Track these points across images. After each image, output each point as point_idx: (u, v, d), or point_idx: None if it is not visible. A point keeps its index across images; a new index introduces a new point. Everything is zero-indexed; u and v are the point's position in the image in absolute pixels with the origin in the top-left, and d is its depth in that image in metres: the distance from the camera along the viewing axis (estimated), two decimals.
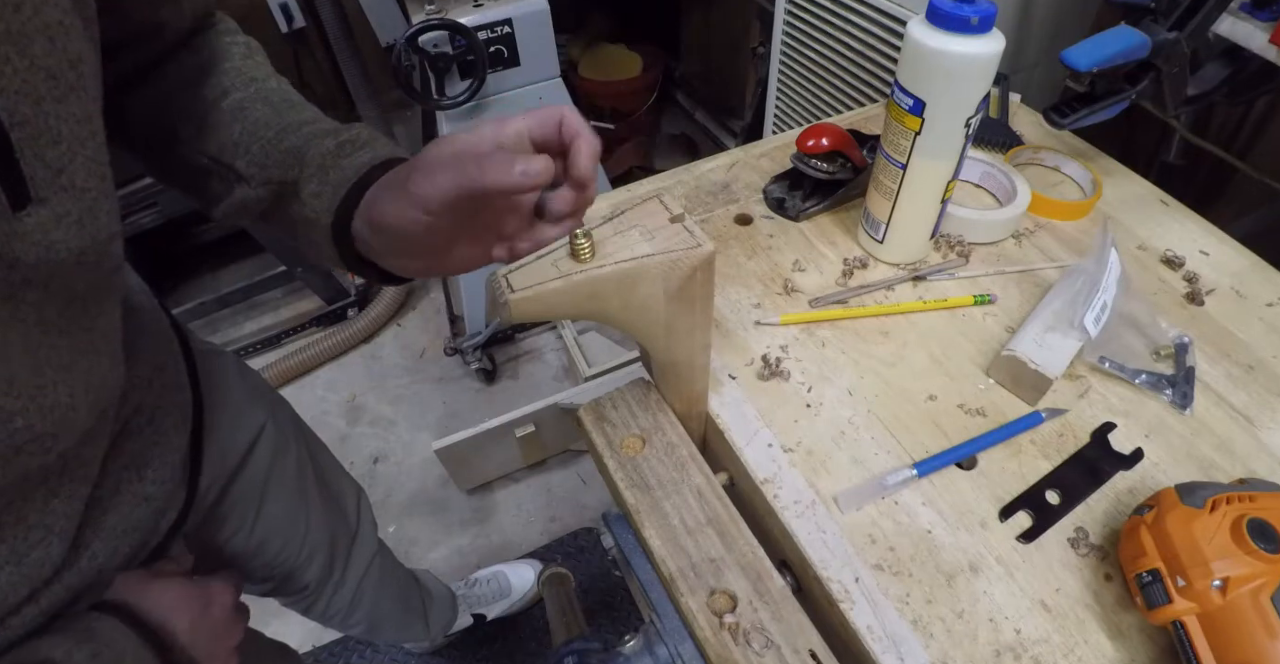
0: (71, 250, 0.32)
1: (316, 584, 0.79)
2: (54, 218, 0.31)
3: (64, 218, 0.31)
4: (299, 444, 0.74)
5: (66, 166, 0.31)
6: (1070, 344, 0.55)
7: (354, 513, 0.86)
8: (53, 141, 0.30)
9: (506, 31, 1.22)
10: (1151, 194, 0.72)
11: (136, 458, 0.47)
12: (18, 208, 0.29)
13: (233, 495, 0.63)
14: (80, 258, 0.33)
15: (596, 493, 1.50)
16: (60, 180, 0.31)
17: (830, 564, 0.47)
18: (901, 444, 0.53)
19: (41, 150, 0.30)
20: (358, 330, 1.77)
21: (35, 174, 0.30)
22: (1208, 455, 0.52)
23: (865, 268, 0.66)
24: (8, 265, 0.30)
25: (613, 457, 0.51)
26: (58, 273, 0.33)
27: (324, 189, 0.42)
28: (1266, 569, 0.38)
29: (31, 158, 0.29)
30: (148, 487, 0.47)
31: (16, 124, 0.29)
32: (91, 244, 0.33)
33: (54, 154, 0.31)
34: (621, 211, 0.42)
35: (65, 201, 0.31)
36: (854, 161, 0.68)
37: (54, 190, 0.31)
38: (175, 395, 0.52)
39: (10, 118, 0.28)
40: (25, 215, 0.30)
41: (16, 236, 0.30)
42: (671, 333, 0.44)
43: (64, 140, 0.31)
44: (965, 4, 0.50)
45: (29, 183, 0.30)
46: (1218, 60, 0.70)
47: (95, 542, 0.43)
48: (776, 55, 1.20)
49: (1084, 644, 0.43)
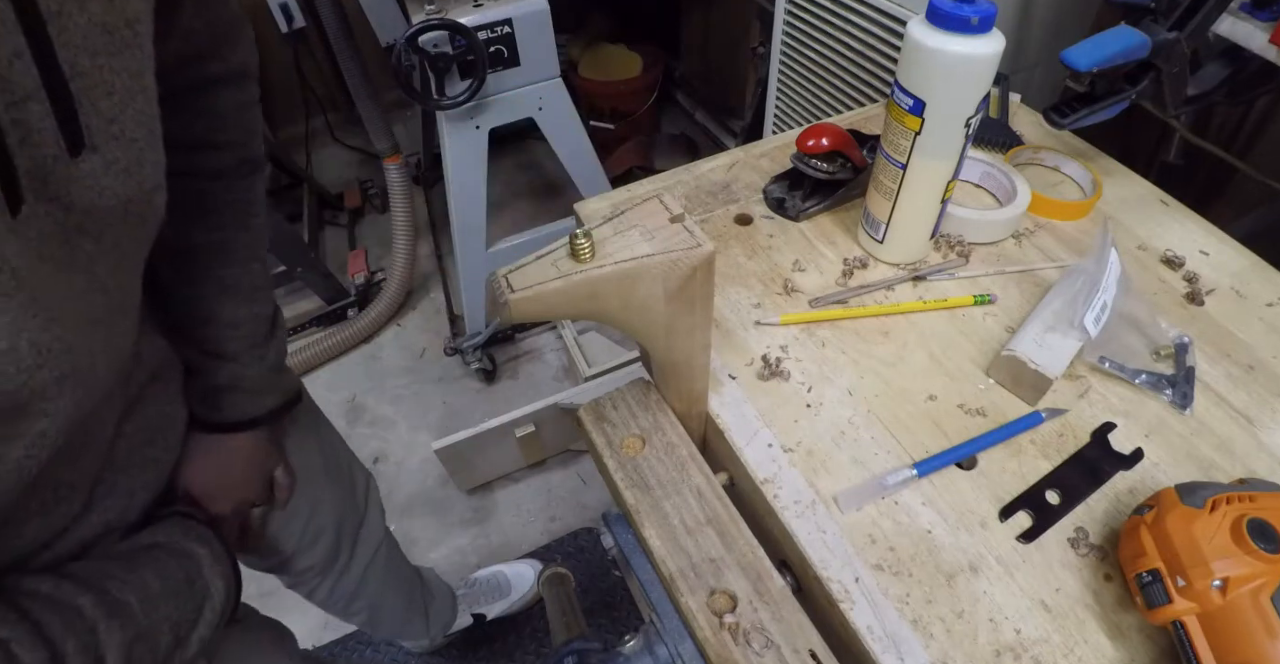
0: (119, 198, 0.35)
1: (322, 566, 0.80)
2: (105, 165, 0.33)
3: (113, 165, 0.34)
4: (311, 425, 0.75)
5: (118, 117, 0.34)
6: (1070, 344, 0.55)
7: (363, 498, 0.86)
8: (106, 93, 0.33)
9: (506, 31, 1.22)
10: (1151, 194, 0.72)
11: (150, 424, 0.50)
12: (74, 153, 0.32)
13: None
14: (127, 207, 0.36)
15: (596, 493, 1.50)
16: (112, 129, 0.34)
17: (830, 564, 0.47)
18: (901, 444, 0.53)
19: (96, 101, 0.32)
20: (358, 330, 1.77)
21: (91, 123, 0.32)
22: (1208, 455, 0.52)
23: (865, 268, 0.66)
24: (64, 207, 0.32)
25: (613, 457, 0.51)
26: (108, 224, 0.35)
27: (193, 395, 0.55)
28: (1266, 569, 0.38)
29: (88, 107, 0.32)
30: (158, 451, 0.51)
31: (76, 75, 0.31)
32: (137, 193, 0.36)
33: (107, 105, 0.33)
34: (621, 211, 0.42)
35: (115, 150, 0.34)
36: (854, 161, 0.68)
37: (106, 139, 0.33)
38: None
39: (71, 69, 0.31)
40: (80, 161, 0.32)
41: (73, 180, 0.32)
42: (671, 333, 0.44)
43: (116, 92, 0.34)
44: (965, 4, 0.50)
45: (85, 131, 0.32)
46: (1218, 60, 0.70)
47: (107, 499, 0.46)
48: (776, 55, 1.20)
49: (1084, 644, 0.43)
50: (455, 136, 1.32)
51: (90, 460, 0.43)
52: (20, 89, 0.29)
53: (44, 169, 0.30)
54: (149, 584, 0.44)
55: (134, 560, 0.45)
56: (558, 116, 1.40)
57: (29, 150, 0.30)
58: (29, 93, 0.29)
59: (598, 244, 0.39)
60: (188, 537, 0.50)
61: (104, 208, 0.34)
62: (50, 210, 0.31)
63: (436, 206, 2.11)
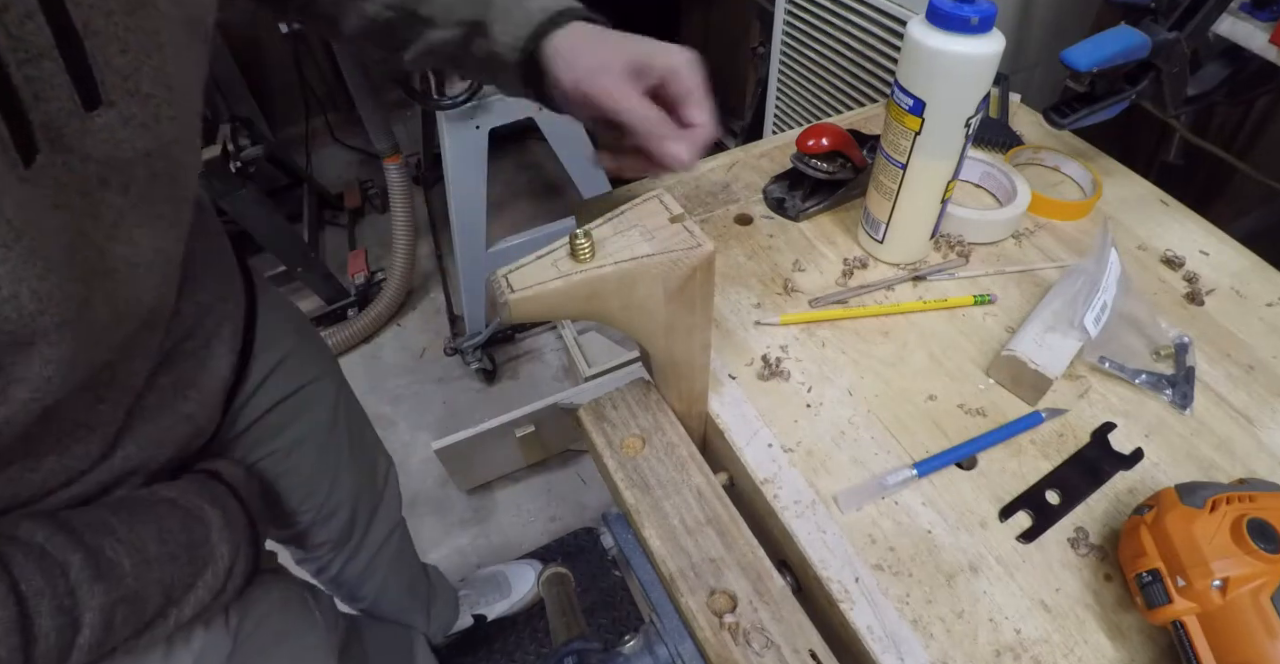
0: (138, 150, 0.36)
1: (336, 542, 0.81)
2: (121, 119, 0.35)
3: (130, 120, 0.35)
4: (340, 404, 0.76)
5: (133, 74, 0.35)
6: (1070, 344, 0.55)
7: (382, 481, 0.87)
8: (121, 50, 0.34)
9: None
10: (1151, 194, 0.72)
11: (183, 378, 0.51)
12: (90, 108, 0.33)
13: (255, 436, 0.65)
14: (148, 158, 0.37)
15: (596, 493, 1.50)
16: (127, 86, 0.35)
17: (830, 564, 0.47)
18: (901, 444, 0.53)
19: (111, 58, 0.34)
20: (358, 330, 1.77)
21: (105, 79, 0.33)
22: (1208, 455, 0.52)
23: (865, 268, 0.66)
24: (81, 159, 0.34)
25: (613, 457, 0.51)
26: (134, 177, 0.37)
27: (510, 27, 0.49)
28: (1266, 569, 0.38)
29: (102, 64, 0.33)
30: (190, 405, 0.52)
31: (90, 33, 0.32)
32: (157, 146, 0.38)
33: (122, 62, 0.34)
34: (621, 211, 0.41)
35: (132, 105, 0.35)
36: (854, 161, 0.68)
37: (121, 94, 0.35)
38: (229, 327, 0.57)
39: (85, 28, 0.32)
40: (96, 115, 0.34)
41: (88, 133, 0.33)
42: (671, 333, 0.44)
43: (131, 50, 0.35)
44: (965, 4, 0.50)
45: (100, 87, 0.33)
46: (1218, 60, 0.70)
47: (130, 446, 0.47)
48: (776, 55, 1.20)
49: (1084, 644, 0.43)
50: (455, 136, 1.32)
51: (113, 407, 0.45)
52: (33, 47, 0.30)
53: (59, 123, 0.32)
54: (146, 545, 0.44)
55: (139, 514, 0.45)
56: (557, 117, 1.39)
57: (43, 105, 0.31)
58: (42, 51, 0.30)
59: (598, 244, 0.39)
60: (203, 496, 0.50)
61: (124, 160, 0.36)
62: (68, 161, 0.33)
63: (436, 206, 2.11)
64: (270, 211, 1.62)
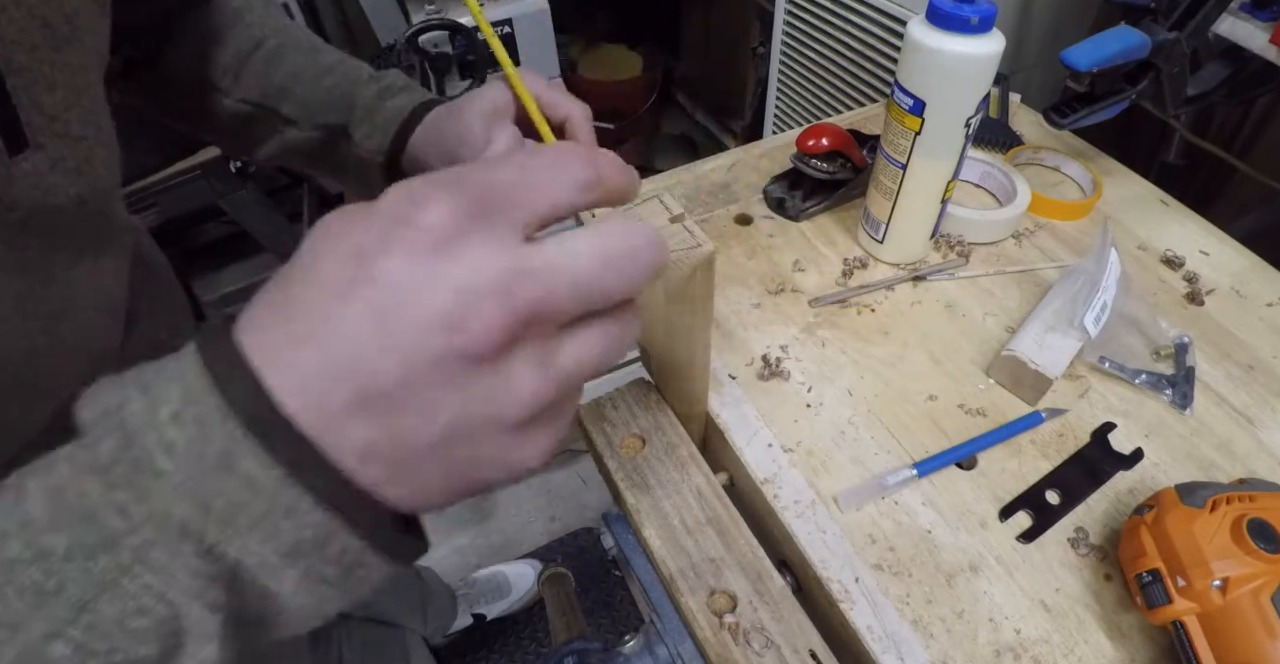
0: (70, 197, 0.33)
1: None
2: (50, 163, 0.32)
3: (60, 163, 0.32)
4: None
5: (62, 114, 0.32)
6: (1070, 344, 0.55)
7: None
8: (48, 88, 0.31)
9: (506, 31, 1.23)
10: (1151, 194, 0.72)
11: None
12: (14, 152, 0.30)
13: None
14: (81, 205, 0.34)
15: (596, 493, 1.50)
16: (55, 127, 0.32)
17: (830, 564, 0.47)
18: (901, 444, 0.53)
19: (37, 97, 0.31)
20: None
21: (31, 120, 0.30)
22: (1208, 455, 0.52)
23: (865, 268, 0.66)
24: (6, 207, 0.30)
25: (613, 457, 0.51)
26: (59, 220, 0.34)
27: (374, 131, 0.47)
28: (1266, 569, 0.38)
29: (28, 104, 0.30)
30: None
31: (13, 71, 0.29)
32: (90, 191, 0.35)
33: (50, 101, 0.31)
34: (621, 212, 0.41)
35: (61, 148, 0.32)
36: (854, 161, 0.68)
37: (50, 137, 0.32)
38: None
39: (7, 65, 0.29)
40: (22, 160, 0.30)
41: (13, 180, 0.30)
42: (671, 333, 0.44)
43: (59, 88, 0.32)
44: (965, 4, 0.50)
45: (26, 128, 0.30)
46: (1218, 60, 0.70)
47: None
48: (776, 55, 1.20)
49: (1084, 644, 0.43)
50: None
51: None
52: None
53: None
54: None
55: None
56: None
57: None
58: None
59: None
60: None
61: (52, 207, 0.33)
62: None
63: None
64: (270, 211, 1.62)
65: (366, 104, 0.48)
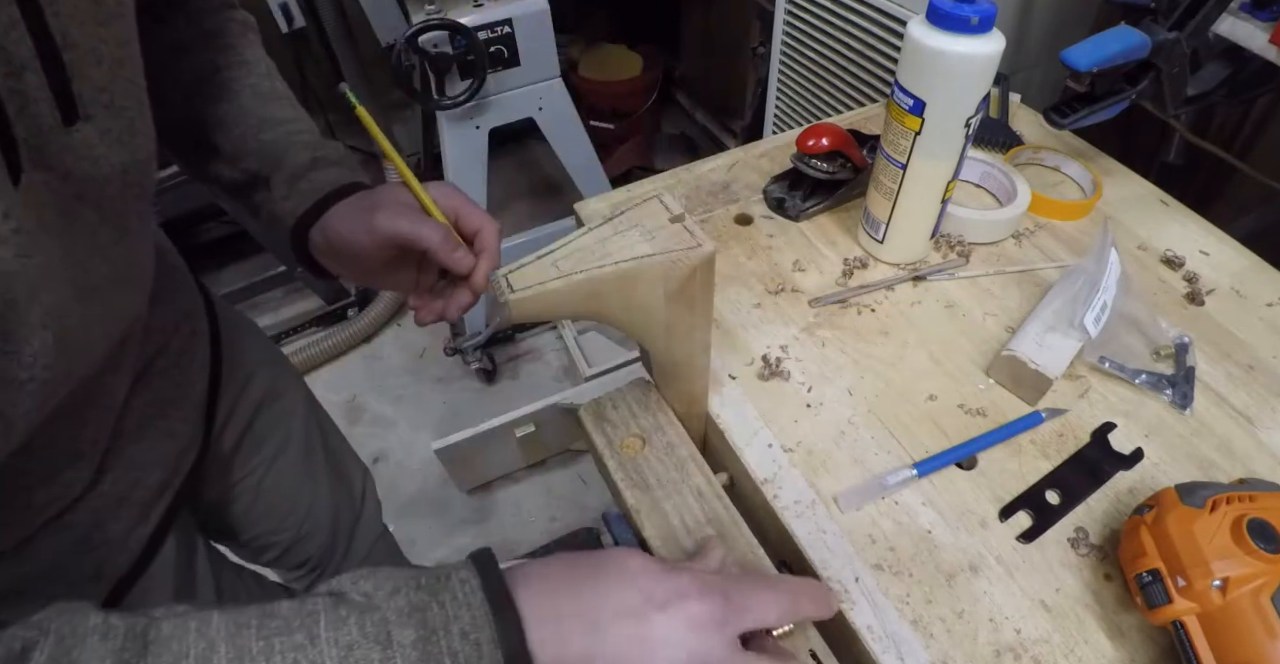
0: (115, 167, 0.35)
1: (317, 560, 0.80)
2: (99, 134, 0.34)
3: (107, 134, 0.34)
4: (310, 417, 0.76)
5: (108, 86, 0.34)
6: (1070, 344, 0.55)
7: (359, 494, 0.87)
8: (96, 62, 0.33)
9: (506, 31, 1.22)
10: (1151, 194, 0.72)
11: (160, 396, 0.50)
12: (68, 123, 0.32)
13: (244, 451, 0.65)
14: (124, 175, 0.36)
15: (596, 493, 1.50)
16: (102, 99, 0.34)
17: (830, 564, 0.47)
18: (901, 444, 0.53)
19: (87, 71, 0.33)
20: (358, 330, 1.77)
21: (83, 92, 0.32)
22: (1208, 455, 0.52)
23: (865, 268, 0.66)
24: (61, 176, 0.32)
25: (613, 457, 0.51)
26: (107, 192, 0.36)
27: (293, 195, 0.49)
28: (1266, 569, 0.38)
29: (79, 77, 0.32)
30: (172, 424, 0.51)
31: (68, 46, 0.31)
32: (132, 161, 0.37)
33: (98, 74, 0.33)
34: (621, 211, 0.41)
35: (107, 119, 0.34)
36: (854, 161, 0.68)
37: (98, 108, 0.34)
38: (198, 343, 0.56)
39: (63, 39, 0.31)
40: (75, 130, 0.32)
41: (68, 149, 0.32)
42: (671, 333, 0.44)
43: (106, 61, 0.34)
44: (965, 4, 0.50)
45: (78, 100, 0.32)
46: (1218, 60, 0.70)
47: (118, 468, 0.46)
48: (776, 55, 1.20)
49: (1084, 644, 0.43)
50: (455, 136, 1.32)
51: (96, 429, 0.44)
52: (17, 59, 0.29)
53: (41, 138, 0.31)
54: None
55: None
56: (558, 116, 1.40)
57: (26, 120, 0.30)
58: (25, 63, 0.29)
59: (597, 244, 0.39)
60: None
61: (101, 176, 0.35)
62: (48, 179, 0.32)
63: None
64: None
65: (294, 169, 0.50)
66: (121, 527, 0.48)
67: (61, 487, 0.42)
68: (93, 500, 0.45)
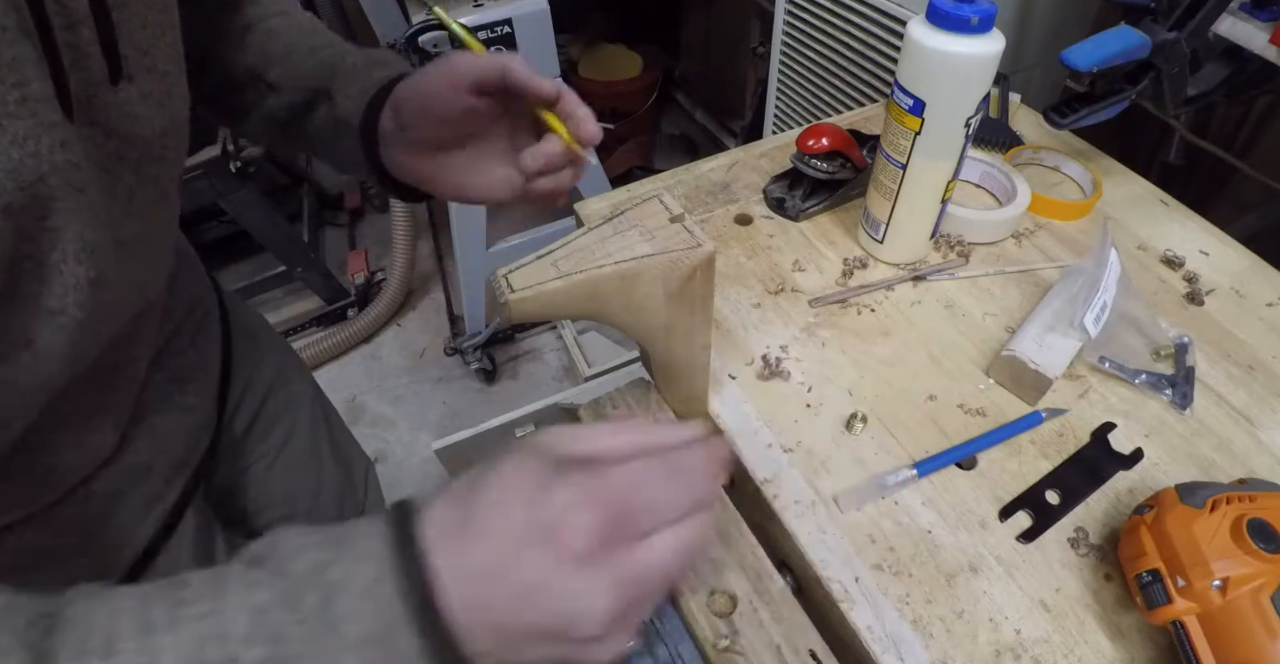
0: (155, 128, 0.36)
1: None
2: (140, 95, 0.35)
3: (148, 96, 0.36)
4: (317, 405, 0.76)
5: (151, 49, 0.35)
6: (1070, 344, 0.55)
7: (362, 485, 0.87)
8: (141, 25, 0.34)
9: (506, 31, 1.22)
10: (1151, 194, 0.72)
11: (178, 373, 0.52)
12: (114, 81, 0.33)
13: (254, 435, 0.65)
14: (163, 137, 0.37)
15: None
16: (146, 61, 0.35)
17: (830, 564, 0.47)
18: (901, 444, 0.53)
19: (133, 32, 0.34)
20: (358, 330, 1.77)
21: (128, 53, 0.34)
22: (1208, 455, 0.52)
23: (865, 268, 0.66)
24: (105, 133, 0.33)
25: None
26: (146, 156, 0.37)
27: (353, 91, 0.47)
28: (1266, 569, 0.38)
29: (125, 37, 0.33)
30: (189, 398, 0.52)
31: (118, 5, 0.32)
32: (170, 123, 0.38)
33: (142, 36, 0.35)
34: (621, 211, 0.42)
35: (149, 81, 0.36)
36: (854, 161, 0.68)
37: (140, 69, 0.35)
38: (210, 326, 0.57)
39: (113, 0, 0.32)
40: (119, 89, 0.34)
41: (113, 107, 0.33)
42: (671, 333, 0.44)
43: (150, 25, 0.35)
44: (965, 4, 0.50)
45: (123, 60, 0.33)
46: (1218, 60, 0.70)
47: (140, 438, 0.47)
48: (776, 55, 1.20)
49: (1084, 644, 0.43)
50: None
51: (120, 396, 0.45)
52: (74, 13, 0.30)
53: (89, 92, 0.32)
54: None
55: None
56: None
57: (78, 73, 0.31)
58: (81, 18, 0.30)
59: (598, 244, 0.39)
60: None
61: (141, 137, 0.36)
62: (93, 134, 0.33)
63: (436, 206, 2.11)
64: (270, 211, 1.62)
65: (350, 70, 0.48)
66: (141, 500, 0.49)
67: (89, 451, 0.43)
68: (116, 469, 0.45)
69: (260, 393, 0.66)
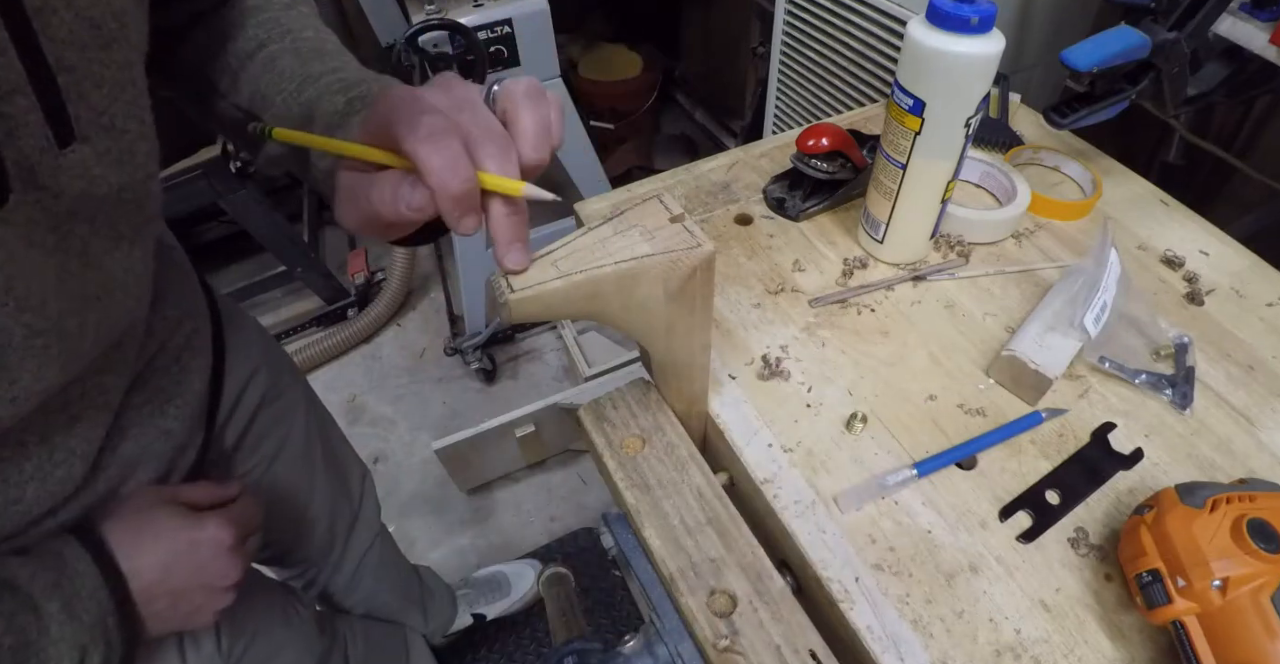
0: (112, 186, 0.36)
1: (316, 558, 0.80)
2: (95, 155, 0.34)
3: (105, 155, 0.35)
4: (310, 416, 0.76)
5: (108, 108, 0.35)
6: (1070, 344, 0.55)
7: (357, 492, 0.87)
8: (95, 85, 0.34)
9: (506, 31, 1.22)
10: (1151, 194, 0.72)
11: (159, 394, 0.50)
12: (63, 145, 0.33)
13: (244, 450, 0.65)
14: (121, 193, 0.37)
15: (596, 493, 1.50)
16: (101, 121, 0.34)
17: (830, 564, 0.47)
18: (901, 444, 0.53)
19: (86, 93, 0.33)
20: (358, 330, 1.77)
21: (79, 114, 0.33)
22: (1208, 455, 0.52)
23: (865, 268, 0.66)
24: (53, 195, 0.33)
25: (613, 457, 0.51)
26: (102, 208, 0.36)
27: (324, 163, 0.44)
28: (1266, 569, 0.38)
29: (76, 99, 0.33)
30: (169, 422, 0.51)
31: (63, 69, 0.32)
32: (130, 181, 0.37)
33: (97, 97, 0.34)
34: (621, 211, 0.41)
35: (106, 140, 0.35)
36: (854, 161, 0.68)
37: (96, 129, 0.34)
38: (199, 341, 0.56)
39: (58, 63, 0.31)
40: (70, 151, 0.33)
41: (61, 170, 0.33)
42: (671, 333, 0.44)
43: (105, 84, 0.34)
44: (965, 4, 0.50)
45: (73, 122, 0.33)
46: (1218, 60, 0.70)
47: (112, 466, 0.46)
48: (776, 55, 1.20)
49: (1084, 644, 0.43)
50: None
51: (90, 426, 0.43)
52: (5, 83, 0.29)
53: (31, 160, 0.31)
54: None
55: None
56: None
57: (16, 143, 0.30)
58: (14, 87, 0.30)
59: (598, 244, 0.39)
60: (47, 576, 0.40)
61: (97, 195, 0.35)
62: (39, 198, 0.32)
63: None
64: (270, 211, 1.62)
65: (327, 119, 0.43)
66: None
67: (55, 483, 0.42)
68: (85, 497, 0.44)
69: (250, 408, 0.65)
